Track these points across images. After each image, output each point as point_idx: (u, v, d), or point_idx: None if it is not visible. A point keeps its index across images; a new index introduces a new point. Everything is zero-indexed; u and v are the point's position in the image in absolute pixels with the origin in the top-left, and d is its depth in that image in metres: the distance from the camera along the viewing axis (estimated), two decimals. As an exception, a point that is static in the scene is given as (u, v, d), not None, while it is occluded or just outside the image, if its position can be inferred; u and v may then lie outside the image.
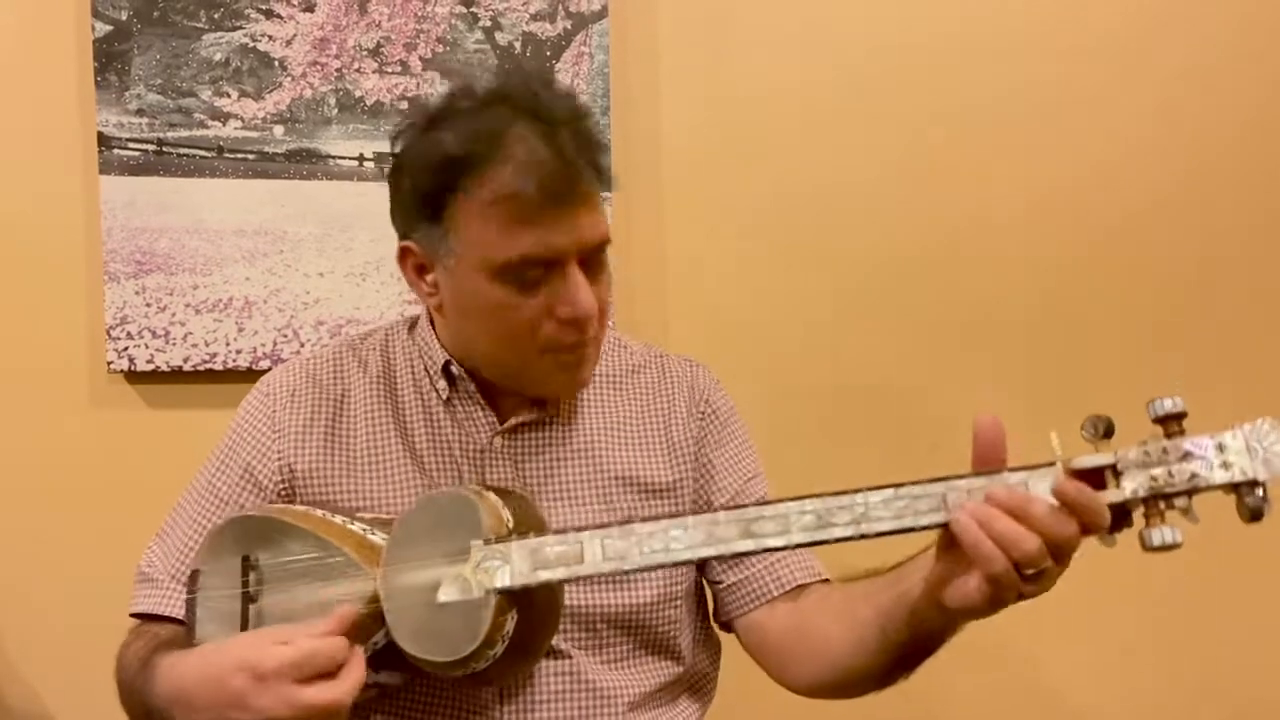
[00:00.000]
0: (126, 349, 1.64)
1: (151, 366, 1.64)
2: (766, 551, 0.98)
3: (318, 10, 1.62)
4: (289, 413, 1.10)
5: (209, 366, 1.64)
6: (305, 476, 1.08)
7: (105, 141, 1.63)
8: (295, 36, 1.63)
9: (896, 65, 1.63)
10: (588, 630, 1.06)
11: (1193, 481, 0.79)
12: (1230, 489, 0.79)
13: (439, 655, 0.90)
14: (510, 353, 1.03)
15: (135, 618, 1.09)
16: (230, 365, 1.64)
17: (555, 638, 1.04)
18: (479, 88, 1.01)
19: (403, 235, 1.05)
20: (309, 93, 1.63)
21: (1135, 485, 0.80)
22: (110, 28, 1.62)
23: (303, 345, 1.64)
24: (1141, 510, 0.80)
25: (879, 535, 0.84)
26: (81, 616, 1.62)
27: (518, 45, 1.62)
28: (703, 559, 0.88)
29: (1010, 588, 0.80)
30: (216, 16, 1.62)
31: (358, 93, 1.63)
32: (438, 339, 1.09)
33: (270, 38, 1.63)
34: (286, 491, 1.08)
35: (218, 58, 1.63)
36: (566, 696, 1.05)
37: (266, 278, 1.64)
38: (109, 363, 1.64)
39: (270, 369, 1.16)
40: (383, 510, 1.06)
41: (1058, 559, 0.80)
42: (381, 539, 0.96)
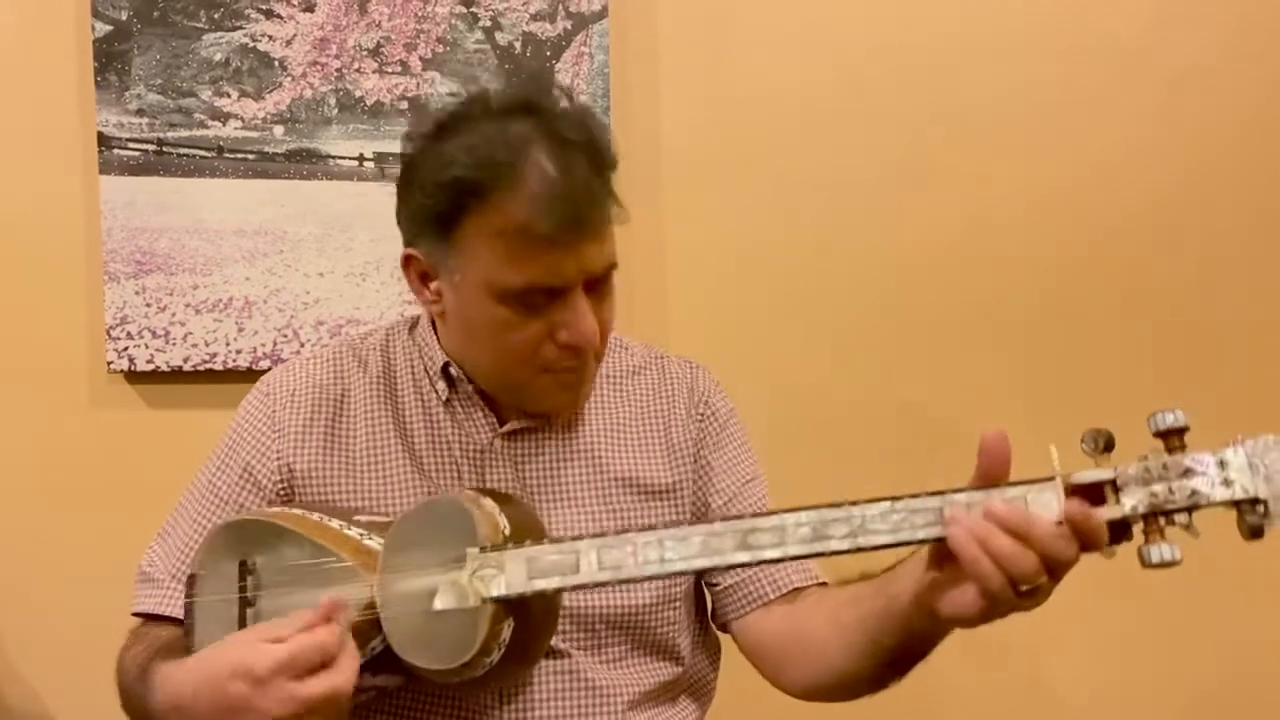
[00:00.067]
0: (126, 349, 1.64)
1: (151, 366, 1.64)
2: (763, 564, 0.98)
3: (318, 10, 1.63)
4: (289, 413, 1.09)
5: (209, 366, 1.64)
6: (305, 476, 1.07)
7: (105, 141, 1.63)
8: (295, 36, 1.63)
9: (896, 65, 1.63)
10: (587, 630, 1.06)
11: (1193, 499, 0.78)
12: (1231, 505, 0.78)
13: (435, 663, 0.90)
14: (509, 370, 1.03)
15: (137, 617, 1.09)
16: (230, 365, 1.64)
17: (554, 637, 1.04)
18: (495, 96, 1.00)
19: (408, 242, 1.04)
20: (309, 93, 1.63)
21: (1135, 501, 0.79)
22: (110, 28, 1.62)
23: (303, 345, 1.64)
24: (1141, 526, 0.79)
25: (876, 549, 0.83)
26: (81, 616, 1.62)
27: (518, 45, 1.62)
28: (698, 570, 0.87)
29: (1005, 603, 0.79)
30: (216, 16, 1.62)
31: (358, 93, 1.63)
32: (438, 341, 1.09)
33: (270, 38, 1.63)
34: (286, 491, 1.08)
35: (218, 58, 1.63)
36: (565, 696, 1.05)
37: (266, 278, 1.64)
38: (109, 363, 1.64)
39: (270, 369, 1.16)
40: (382, 511, 1.06)
41: (1053, 576, 0.79)
42: (378, 544, 0.96)
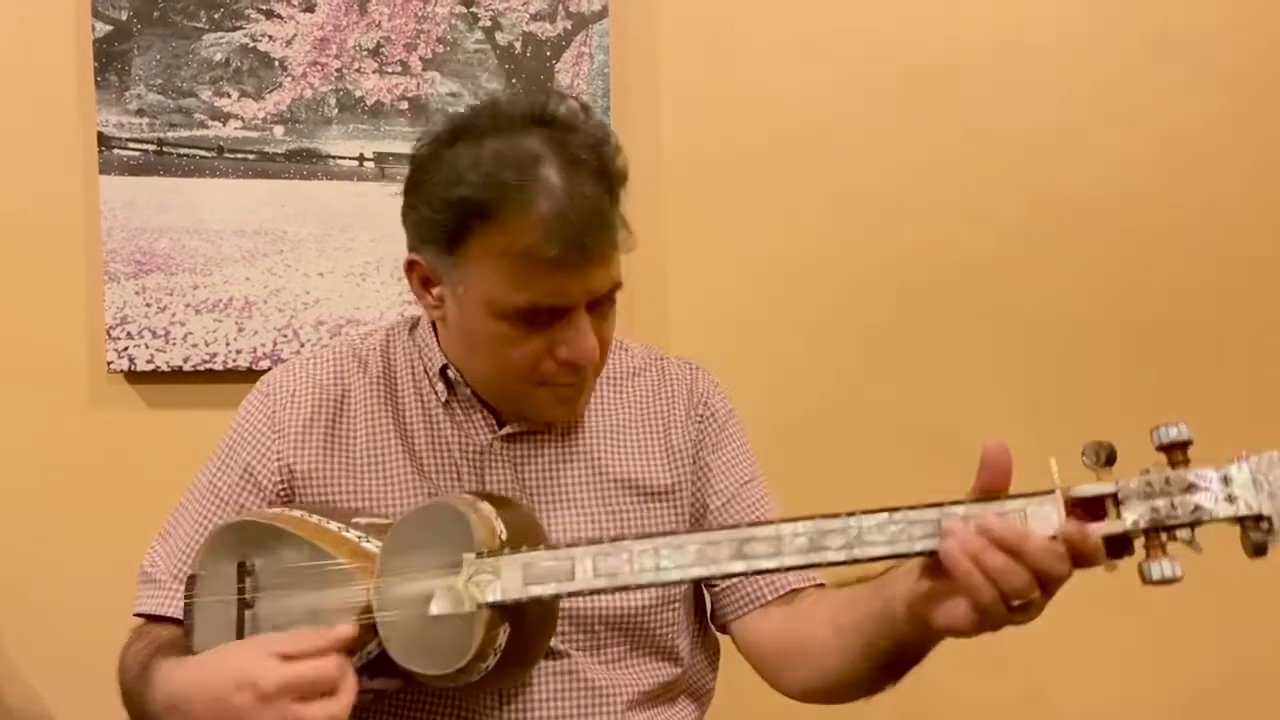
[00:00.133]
0: (126, 349, 1.64)
1: (151, 366, 1.64)
2: (758, 574, 0.98)
3: (318, 10, 1.63)
4: (289, 413, 1.09)
5: (209, 366, 1.64)
6: (304, 477, 1.08)
7: (105, 141, 1.63)
8: (295, 36, 1.63)
9: (897, 66, 1.63)
10: (586, 631, 1.06)
11: (1196, 514, 0.77)
12: (1234, 522, 0.77)
13: (431, 668, 0.90)
14: (507, 381, 1.03)
15: (139, 617, 1.09)
16: (230, 365, 1.64)
17: (554, 638, 1.04)
18: (506, 106, 0.99)
19: (412, 248, 1.04)
20: (309, 93, 1.63)
21: (1136, 516, 0.78)
22: (110, 28, 1.62)
23: (303, 345, 1.64)
24: (1142, 541, 0.78)
25: (872, 560, 0.83)
26: (81, 616, 1.62)
27: (518, 45, 1.62)
28: (694, 579, 0.87)
29: (996, 616, 0.79)
30: (216, 16, 1.62)
31: (358, 93, 1.63)
32: (438, 343, 1.09)
33: (270, 38, 1.63)
34: (286, 492, 1.08)
35: (218, 58, 1.63)
36: (564, 696, 1.05)
37: (266, 278, 1.64)
38: (109, 363, 1.64)
39: (270, 369, 1.16)
40: (381, 512, 1.06)
41: (1046, 591, 0.79)
42: (376, 546, 0.96)
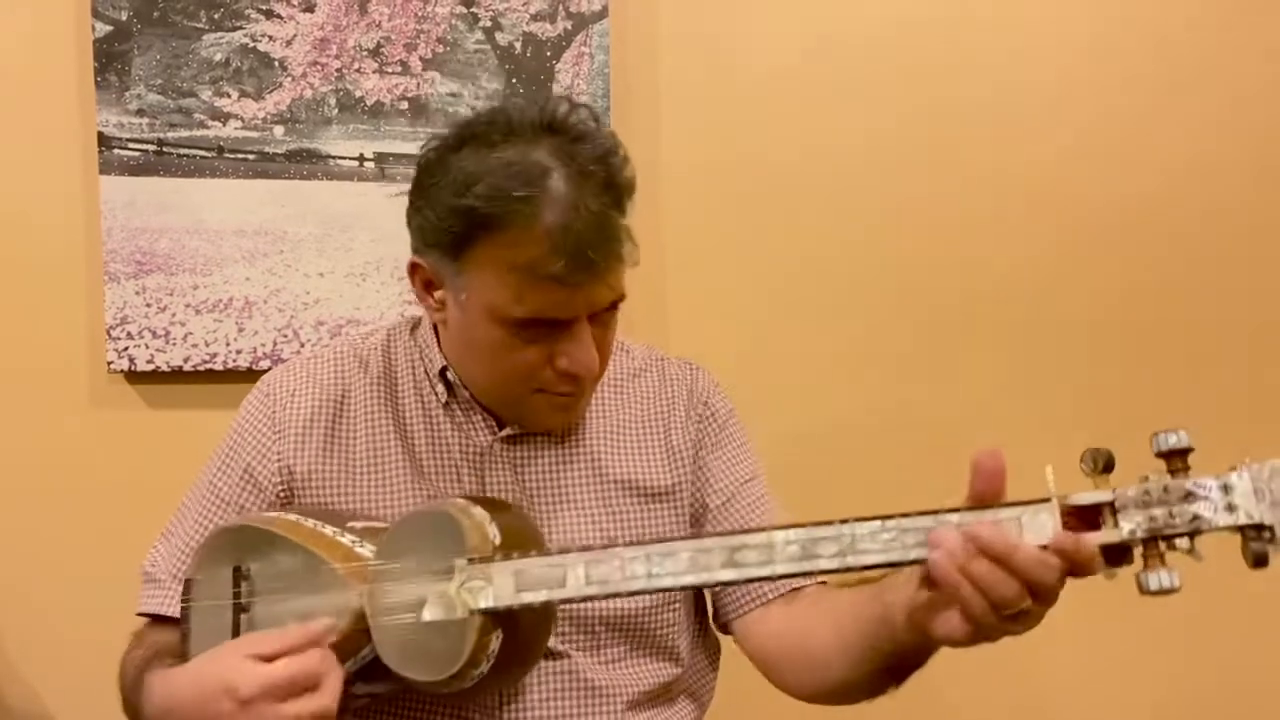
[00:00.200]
0: (126, 349, 1.64)
1: (151, 366, 1.64)
2: (749, 582, 0.97)
3: (318, 10, 1.62)
4: (289, 413, 1.09)
5: (209, 366, 1.64)
6: (304, 478, 1.08)
7: (105, 141, 1.63)
8: (295, 36, 1.63)
9: (897, 66, 1.63)
10: (585, 631, 1.06)
11: (1194, 524, 0.76)
12: (1235, 531, 0.76)
13: (423, 674, 0.89)
14: (504, 388, 1.04)
15: (141, 617, 1.10)
16: (230, 365, 1.64)
17: (553, 639, 1.04)
18: (516, 115, 0.98)
19: (416, 251, 1.04)
20: (309, 93, 1.63)
21: (1133, 525, 0.77)
22: (110, 28, 1.62)
23: (303, 345, 1.64)
24: (1140, 550, 0.77)
25: (865, 569, 0.82)
26: (81, 616, 1.62)
27: (518, 45, 1.62)
28: (685, 587, 0.87)
29: (990, 627, 0.78)
30: (216, 16, 1.62)
31: (358, 93, 1.63)
32: (438, 344, 1.09)
33: (270, 38, 1.63)
34: (285, 493, 1.08)
35: (218, 58, 1.63)
36: (564, 696, 1.05)
37: (266, 278, 1.64)
38: (109, 363, 1.64)
39: (270, 369, 1.16)
40: (378, 515, 1.06)
41: (1040, 601, 0.78)
42: (370, 551, 0.95)
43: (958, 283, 1.64)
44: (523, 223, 0.94)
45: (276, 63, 1.63)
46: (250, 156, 1.64)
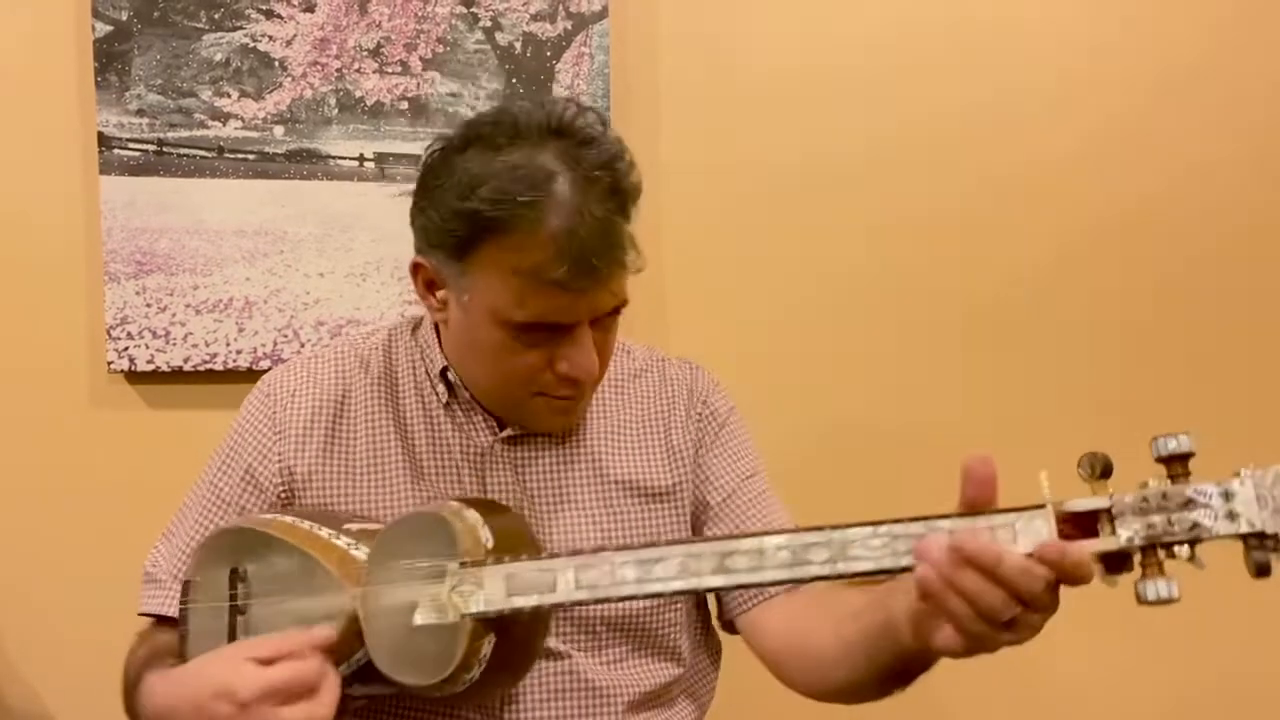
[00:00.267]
0: (126, 349, 1.64)
1: (151, 366, 1.64)
2: (739, 588, 0.97)
3: (318, 10, 1.62)
4: (290, 413, 1.10)
5: (209, 367, 1.64)
6: (304, 479, 1.08)
7: (105, 141, 1.63)
8: (295, 37, 1.63)
9: (899, 66, 1.63)
10: (586, 631, 1.06)
11: (1194, 532, 0.74)
12: (1236, 539, 0.74)
13: (416, 678, 0.89)
14: (504, 389, 1.04)
15: (144, 617, 1.10)
16: (230, 365, 1.64)
17: (554, 639, 1.04)
18: (524, 118, 0.98)
19: (419, 251, 1.04)
20: (309, 93, 1.63)
21: (1131, 533, 0.75)
22: (110, 28, 1.62)
23: (303, 345, 1.64)
24: (1139, 558, 0.75)
25: (855, 575, 0.80)
26: (81, 616, 1.62)
27: (518, 45, 1.62)
28: (674, 593, 0.85)
29: (984, 638, 0.77)
30: (217, 16, 1.62)
31: (358, 93, 1.63)
32: (439, 345, 1.09)
33: (270, 38, 1.63)
34: (286, 493, 1.08)
35: (218, 58, 1.63)
36: (565, 696, 1.05)
37: (266, 278, 1.64)
38: (109, 363, 1.64)
39: (270, 369, 1.16)
40: (376, 516, 1.06)
41: (1033, 610, 0.76)
42: (365, 554, 0.95)
43: (958, 283, 1.64)
44: (527, 227, 0.94)
45: (276, 63, 1.63)
46: (250, 156, 1.64)
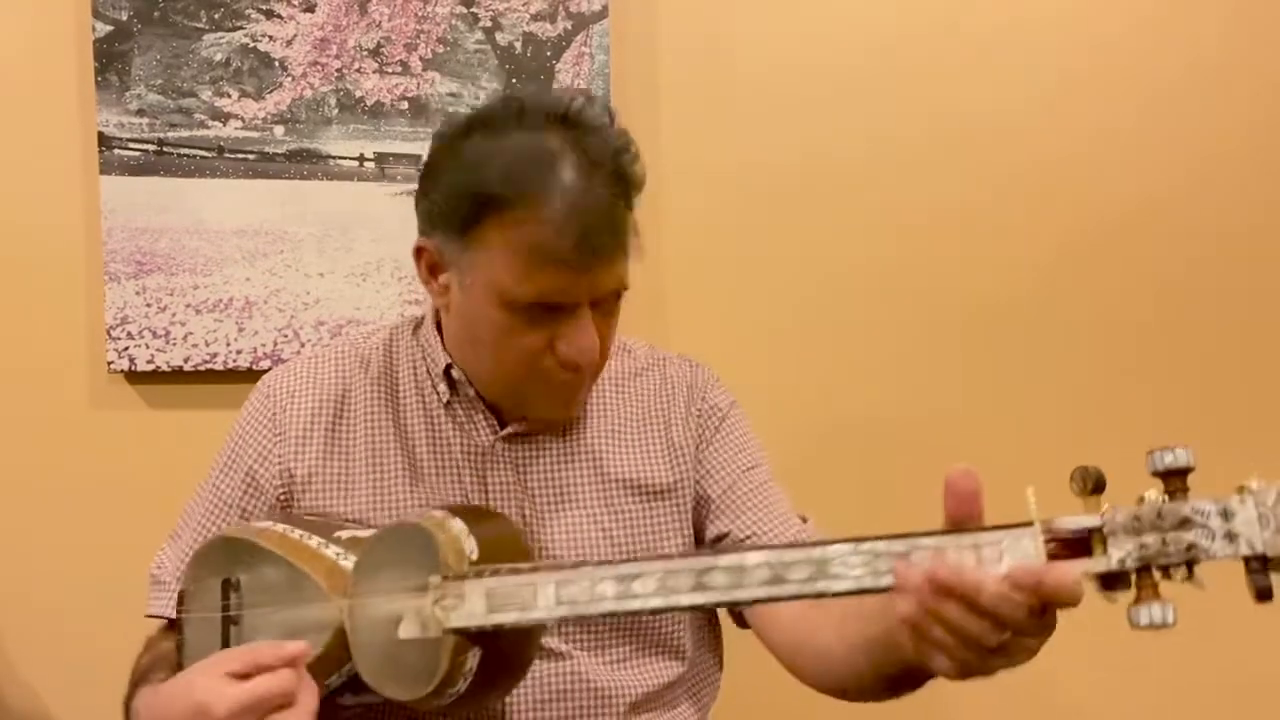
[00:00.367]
0: (127, 349, 1.64)
1: (152, 366, 1.64)
2: (719, 606, 0.95)
3: (318, 10, 1.62)
4: (290, 415, 1.10)
5: (209, 367, 1.64)
6: (304, 481, 1.08)
7: (105, 141, 1.63)
8: (295, 37, 1.63)
9: (899, 67, 1.63)
10: (589, 631, 1.06)
11: (1190, 553, 0.69)
12: (1237, 561, 0.69)
13: (400, 692, 0.88)
14: (506, 374, 1.04)
15: (151, 618, 1.10)
16: (230, 365, 1.64)
17: (556, 638, 1.04)
18: (530, 103, 0.99)
19: (423, 232, 1.04)
20: (309, 93, 1.63)
21: (1123, 553, 0.70)
22: (110, 28, 1.62)
23: (303, 345, 1.64)
24: (1134, 579, 0.71)
25: (836, 595, 0.76)
26: (81, 616, 1.62)
27: (518, 45, 1.62)
28: (653, 610, 0.83)
29: (976, 664, 0.74)
30: (217, 16, 1.62)
31: (358, 93, 1.63)
32: (441, 342, 1.09)
33: (270, 38, 1.63)
34: (285, 496, 1.08)
35: (218, 58, 1.63)
36: (568, 696, 1.05)
37: (266, 278, 1.64)
38: (109, 363, 1.64)
39: (270, 369, 1.16)
40: (374, 519, 1.05)
41: (1022, 633, 0.73)
42: (352, 564, 0.94)
43: (958, 283, 1.64)
44: (531, 204, 0.94)
45: (277, 63, 1.63)
46: (250, 156, 1.64)
